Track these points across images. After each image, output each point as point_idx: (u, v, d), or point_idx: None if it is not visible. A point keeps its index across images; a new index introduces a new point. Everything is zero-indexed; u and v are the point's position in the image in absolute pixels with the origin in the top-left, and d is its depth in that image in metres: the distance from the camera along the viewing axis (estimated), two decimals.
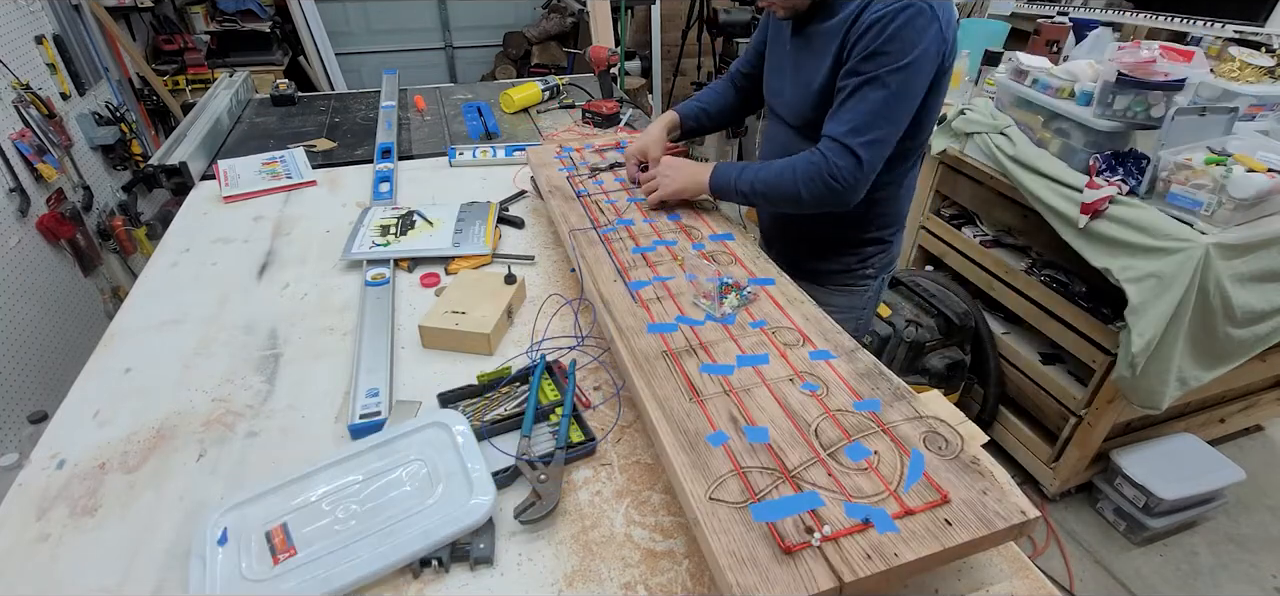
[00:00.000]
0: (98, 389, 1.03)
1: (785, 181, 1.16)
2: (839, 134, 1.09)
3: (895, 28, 1.02)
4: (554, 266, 1.34)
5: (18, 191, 2.19)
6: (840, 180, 1.10)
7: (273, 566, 0.73)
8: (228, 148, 1.94)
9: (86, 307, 2.51)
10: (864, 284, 1.37)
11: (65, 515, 0.83)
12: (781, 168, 1.17)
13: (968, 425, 0.81)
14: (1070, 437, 2.02)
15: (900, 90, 1.05)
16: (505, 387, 1.00)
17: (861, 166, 1.09)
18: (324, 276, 1.31)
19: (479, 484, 0.80)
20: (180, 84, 3.44)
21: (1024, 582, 0.73)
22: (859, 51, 1.06)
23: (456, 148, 1.83)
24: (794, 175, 1.15)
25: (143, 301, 1.24)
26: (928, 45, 1.03)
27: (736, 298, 1.04)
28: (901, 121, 1.09)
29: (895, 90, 1.05)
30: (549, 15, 4.59)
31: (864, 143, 1.08)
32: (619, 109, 2.03)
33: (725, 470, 0.72)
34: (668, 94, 4.54)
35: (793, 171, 1.15)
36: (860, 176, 1.10)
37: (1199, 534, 2.11)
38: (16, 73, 2.33)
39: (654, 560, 0.76)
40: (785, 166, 1.17)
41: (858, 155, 1.08)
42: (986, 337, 2.23)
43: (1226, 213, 1.55)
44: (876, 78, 1.05)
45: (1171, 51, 1.71)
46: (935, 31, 1.03)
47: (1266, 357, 1.93)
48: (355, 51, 4.48)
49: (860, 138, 1.08)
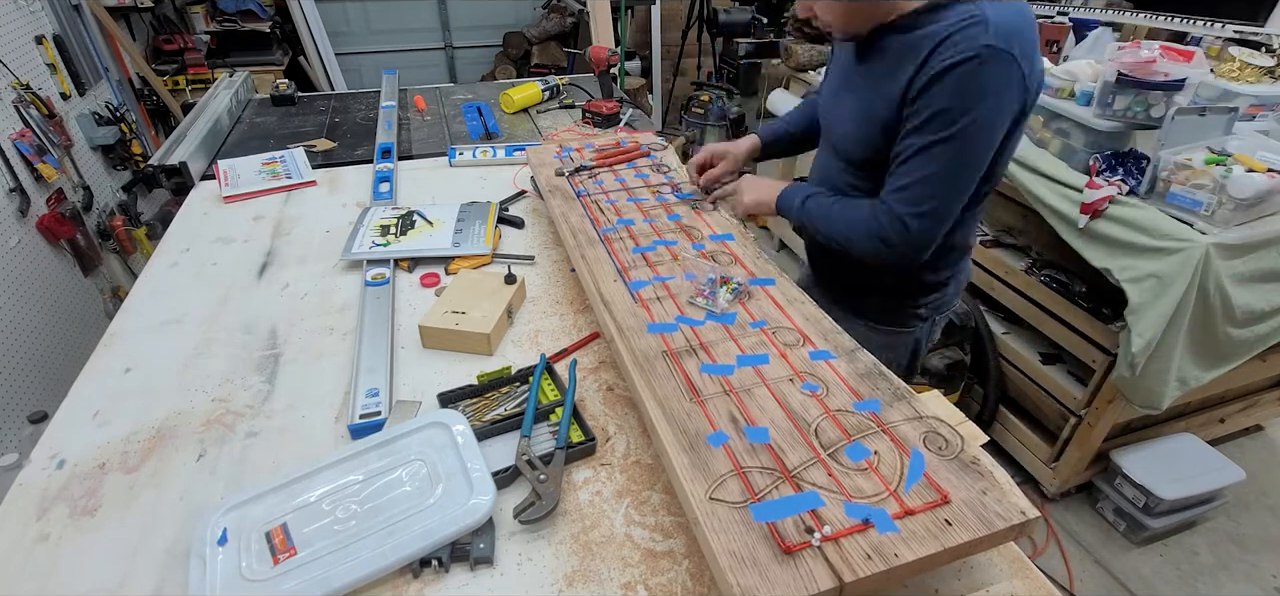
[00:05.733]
0: (98, 389, 1.03)
1: (840, 226, 1.10)
2: (892, 200, 1.01)
3: (966, 81, 0.88)
4: (554, 266, 1.34)
5: (18, 191, 2.19)
6: (890, 245, 1.03)
7: (273, 566, 0.73)
8: (228, 148, 1.94)
9: (86, 307, 2.51)
10: (911, 326, 1.27)
11: (65, 515, 0.83)
12: (845, 213, 1.10)
13: (968, 425, 0.81)
14: (1070, 437, 2.02)
15: (964, 155, 0.94)
16: (505, 387, 1.00)
17: (910, 236, 1.00)
18: (324, 276, 1.31)
19: (479, 484, 0.80)
20: (180, 84, 3.44)
21: (1024, 582, 0.73)
22: (923, 105, 0.93)
23: (456, 148, 1.83)
24: (850, 224, 1.09)
25: (143, 301, 1.24)
26: (1006, 99, 0.90)
27: (729, 293, 1.04)
28: (966, 189, 0.99)
29: (958, 155, 0.94)
30: (549, 15, 4.59)
31: (917, 214, 0.98)
32: (619, 109, 2.03)
33: (725, 470, 0.72)
34: (668, 94, 4.54)
35: (849, 221, 1.09)
36: (910, 245, 1.02)
37: (1199, 534, 2.11)
38: (16, 73, 2.33)
39: (654, 560, 0.76)
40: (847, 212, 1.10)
41: (907, 224, 0.99)
42: (986, 337, 2.23)
43: (1226, 213, 1.55)
44: (936, 142, 0.93)
45: (1171, 51, 1.71)
46: (1016, 80, 0.89)
47: (1266, 357, 1.93)
48: (355, 51, 4.48)
49: (915, 208, 0.98)
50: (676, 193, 1.39)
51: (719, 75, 4.48)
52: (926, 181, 0.97)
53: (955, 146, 0.93)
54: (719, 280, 1.04)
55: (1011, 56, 0.88)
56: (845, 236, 1.11)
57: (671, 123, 4.38)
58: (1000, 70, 0.88)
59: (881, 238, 1.03)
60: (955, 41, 0.89)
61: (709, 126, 3.82)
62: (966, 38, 0.88)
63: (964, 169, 0.96)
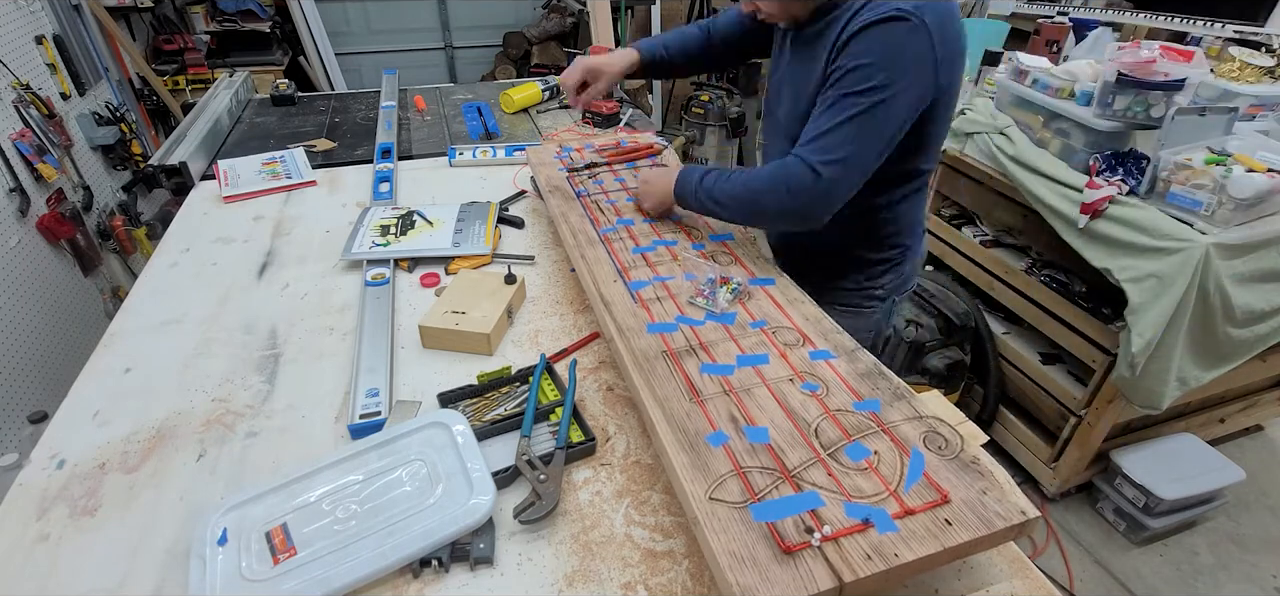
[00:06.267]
0: (98, 389, 1.03)
1: (742, 188, 1.09)
2: (803, 150, 1.02)
3: (876, 41, 0.94)
4: (554, 266, 1.34)
5: (18, 191, 2.19)
6: (797, 195, 1.03)
7: (273, 566, 0.73)
8: (228, 148, 1.94)
9: (86, 307, 2.51)
10: (872, 305, 1.31)
11: (65, 515, 0.83)
12: (747, 176, 1.10)
13: (968, 425, 0.81)
14: (1070, 437, 2.02)
15: (876, 110, 0.96)
16: (505, 387, 1.00)
17: (820, 182, 1.00)
18: (324, 276, 1.31)
19: (479, 484, 0.80)
20: (180, 84, 3.44)
21: (1024, 582, 0.73)
22: (840, 64, 0.98)
23: (456, 148, 1.83)
24: (753, 182, 1.08)
25: (143, 301, 1.24)
26: (915, 64, 0.95)
27: (729, 292, 1.04)
28: (876, 142, 1.00)
29: (868, 108, 0.96)
30: (549, 15, 4.59)
31: (827, 161, 0.99)
32: (619, 109, 2.03)
33: (725, 470, 0.72)
34: (667, 94, 4.54)
35: (753, 180, 1.08)
36: (819, 193, 1.02)
37: (1199, 534, 2.11)
38: (16, 73, 2.33)
39: (654, 560, 0.76)
40: (749, 174, 1.10)
41: (817, 171, 1.00)
42: (986, 337, 2.23)
43: (1226, 213, 1.55)
44: (849, 94, 0.97)
45: (1171, 51, 1.71)
46: (924, 47, 0.94)
47: (1266, 358, 1.93)
48: (355, 51, 4.48)
49: (824, 155, 1.00)
50: None
51: (719, 75, 4.48)
52: (837, 129, 0.99)
53: (867, 99, 0.96)
54: (719, 280, 1.04)
55: (923, 24, 0.93)
56: (751, 197, 1.08)
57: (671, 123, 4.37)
58: (911, 33, 0.94)
59: (788, 188, 1.03)
60: (872, 6, 0.96)
61: (709, 126, 3.82)
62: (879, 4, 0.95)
63: (875, 122, 0.98)
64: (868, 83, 0.95)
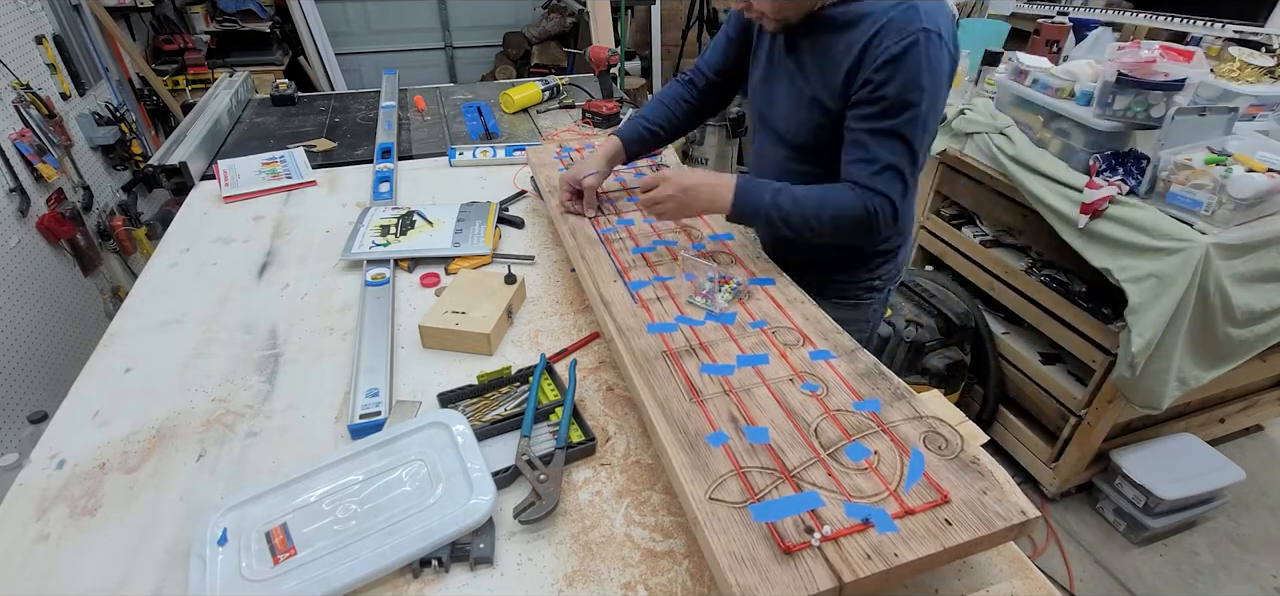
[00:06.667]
0: (98, 389, 1.03)
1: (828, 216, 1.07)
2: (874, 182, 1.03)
3: (913, 68, 0.96)
4: (554, 266, 1.34)
5: (18, 191, 2.19)
6: (878, 227, 1.06)
7: (273, 566, 0.73)
8: (228, 148, 1.94)
9: (86, 307, 2.51)
10: (870, 297, 1.33)
11: (65, 515, 0.83)
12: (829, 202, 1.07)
13: (968, 425, 0.81)
14: (1070, 437, 2.02)
15: (923, 132, 1.02)
16: (505, 387, 1.00)
17: (896, 211, 1.05)
18: (324, 276, 1.31)
19: (479, 484, 0.80)
20: (180, 84, 3.44)
21: (1024, 582, 0.73)
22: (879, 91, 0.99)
23: (456, 148, 1.83)
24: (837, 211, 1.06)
25: (143, 301, 1.24)
26: (941, 73, 0.99)
27: (729, 292, 1.04)
28: (924, 161, 1.08)
29: (919, 134, 1.01)
30: (549, 15, 4.59)
31: (904, 191, 1.05)
32: (619, 109, 2.03)
33: (725, 470, 0.72)
34: None
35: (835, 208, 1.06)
36: (891, 222, 1.07)
37: (1199, 534, 2.11)
38: (16, 73, 2.33)
39: (654, 560, 0.76)
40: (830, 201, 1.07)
41: (895, 205, 1.05)
42: (986, 337, 2.23)
43: (1226, 213, 1.55)
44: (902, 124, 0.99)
45: (1171, 51, 1.71)
46: (945, 57, 0.98)
47: (1266, 358, 1.93)
48: (355, 51, 4.48)
49: (894, 187, 1.03)
50: None
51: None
52: (898, 160, 1.02)
53: (917, 126, 1.00)
54: (719, 280, 1.04)
55: (941, 37, 0.97)
56: (836, 226, 1.07)
57: None
58: (936, 49, 0.96)
59: (870, 222, 1.06)
60: (895, 26, 0.96)
61: (709, 126, 3.82)
62: (905, 22, 0.96)
63: (924, 145, 1.04)
64: (915, 110, 0.99)
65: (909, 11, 0.96)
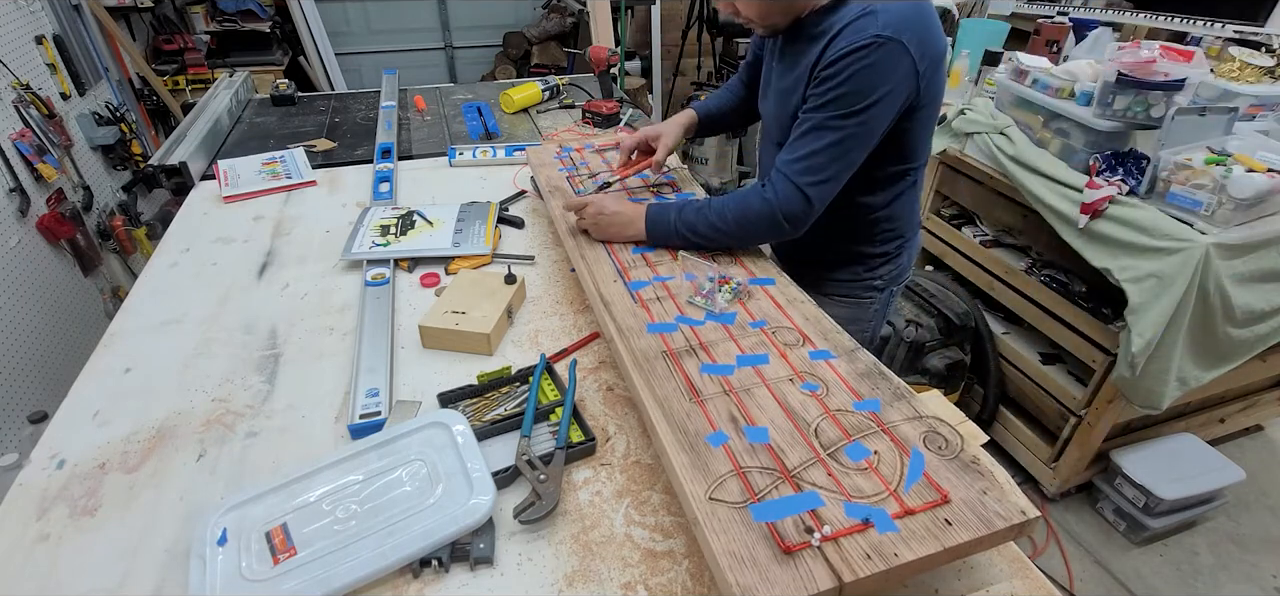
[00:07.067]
0: (98, 389, 1.03)
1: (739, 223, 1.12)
2: (792, 172, 1.06)
3: (857, 69, 0.97)
4: (554, 266, 1.34)
5: (18, 191, 2.19)
6: (791, 221, 1.09)
7: (273, 566, 0.73)
8: (228, 148, 1.94)
9: (86, 307, 2.51)
10: (870, 296, 1.33)
11: (65, 515, 0.83)
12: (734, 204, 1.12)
13: (968, 425, 0.81)
14: (1070, 437, 2.02)
15: (857, 132, 1.02)
16: (505, 387, 1.00)
17: (811, 206, 1.07)
18: (324, 276, 1.31)
19: (479, 484, 0.80)
20: (180, 84, 3.44)
21: (1024, 582, 0.73)
22: (819, 89, 1.02)
23: (456, 148, 1.83)
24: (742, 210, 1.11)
25: (143, 301, 1.24)
26: (895, 85, 0.99)
27: (729, 292, 1.04)
28: (856, 160, 1.07)
29: (852, 133, 1.02)
30: (549, 15, 4.59)
31: (814, 183, 1.05)
32: (619, 109, 2.03)
33: (725, 470, 0.72)
34: (667, 94, 4.54)
35: (739, 209, 1.12)
36: (809, 215, 1.09)
37: (1199, 534, 2.11)
38: (16, 73, 2.33)
39: (654, 560, 0.76)
40: (735, 202, 1.13)
41: (808, 196, 1.06)
42: (986, 337, 2.23)
43: (1226, 213, 1.55)
44: (832, 121, 1.02)
45: (1171, 51, 1.71)
46: (906, 68, 0.98)
47: (1266, 358, 1.93)
48: (355, 51, 4.48)
49: (811, 178, 1.05)
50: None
51: (719, 75, 4.48)
52: (823, 152, 1.04)
53: (850, 124, 1.01)
54: (719, 280, 1.05)
55: (901, 44, 0.97)
56: (742, 229, 1.13)
57: None
58: (889, 60, 0.97)
59: (784, 217, 1.09)
60: (851, 30, 0.99)
61: None
62: (859, 28, 0.98)
63: (855, 141, 1.04)
64: (849, 108, 1.00)
65: (867, 18, 0.98)
